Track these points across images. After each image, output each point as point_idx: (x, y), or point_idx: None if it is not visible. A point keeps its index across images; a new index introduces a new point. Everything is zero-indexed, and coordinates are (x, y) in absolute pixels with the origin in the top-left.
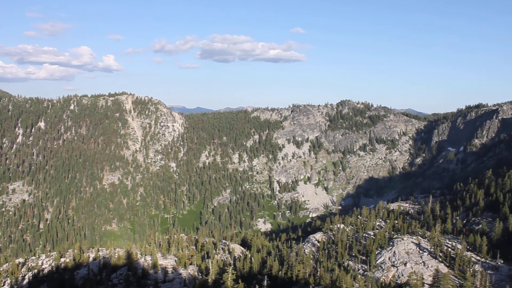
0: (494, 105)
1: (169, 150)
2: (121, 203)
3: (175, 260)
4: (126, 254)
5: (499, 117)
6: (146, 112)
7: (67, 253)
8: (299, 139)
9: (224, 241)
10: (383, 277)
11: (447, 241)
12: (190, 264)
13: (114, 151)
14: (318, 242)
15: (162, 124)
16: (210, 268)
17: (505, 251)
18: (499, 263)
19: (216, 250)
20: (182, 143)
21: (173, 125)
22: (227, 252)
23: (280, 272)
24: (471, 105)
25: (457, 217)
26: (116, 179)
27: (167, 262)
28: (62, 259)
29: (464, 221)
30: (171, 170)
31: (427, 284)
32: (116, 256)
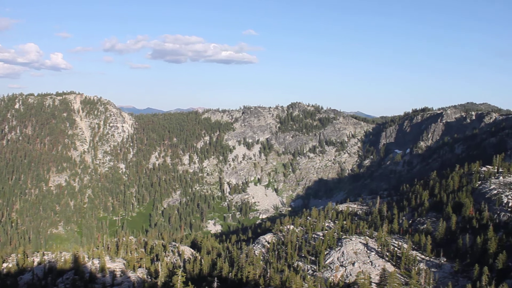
0: (439, 109)
1: (118, 151)
2: (68, 206)
3: (124, 263)
4: (73, 257)
5: (444, 121)
6: (95, 112)
7: (10, 258)
8: (250, 140)
9: (174, 243)
10: (332, 277)
11: (394, 241)
12: (139, 267)
13: (61, 152)
14: (268, 243)
15: (111, 124)
16: (160, 270)
17: (448, 249)
18: (442, 261)
19: (165, 252)
20: (131, 144)
21: (122, 126)
22: (177, 254)
23: (230, 273)
24: (417, 109)
25: (403, 218)
26: (63, 180)
27: (116, 265)
28: (5, 264)
29: (410, 221)
30: (120, 172)
31: (374, 283)
32: (62, 260)
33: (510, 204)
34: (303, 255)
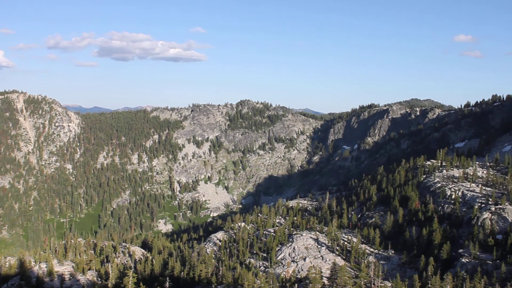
0: (385, 105)
1: (65, 151)
2: (12, 208)
3: (73, 266)
4: (19, 262)
5: (390, 117)
6: (40, 112)
7: None
8: (199, 138)
9: (124, 244)
10: (284, 272)
11: (344, 235)
12: (89, 269)
13: (4, 153)
14: (220, 241)
15: (57, 124)
16: (110, 272)
17: (396, 242)
18: (390, 254)
19: (116, 253)
20: (78, 144)
21: (68, 125)
22: (127, 255)
23: (182, 273)
24: (364, 105)
25: (352, 212)
26: (7, 182)
27: (64, 268)
28: None
29: (359, 216)
30: (67, 172)
31: (325, 277)
32: (7, 265)
33: (453, 197)
34: (255, 252)
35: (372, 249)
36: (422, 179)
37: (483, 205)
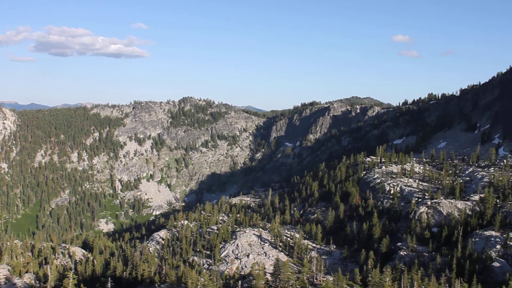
0: (326, 103)
1: (0, 150)
2: None
3: (9, 269)
4: None
5: (331, 114)
6: None
7: None
8: (141, 136)
9: (63, 244)
10: (228, 269)
11: (286, 231)
12: (26, 272)
13: None
14: (163, 239)
15: None
16: (49, 274)
17: (337, 237)
18: (332, 248)
19: (55, 255)
20: (14, 142)
21: (3, 123)
22: (67, 256)
23: (124, 272)
24: (306, 103)
25: (295, 208)
26: None
27: None
28: None
29: (301, 212)
30: (3, 172)
31: (268, 273)
32: None
33: (392, 192)
34: (198, 249)
35: (314, 245)
36: (362, 175)
37: (420, 200)
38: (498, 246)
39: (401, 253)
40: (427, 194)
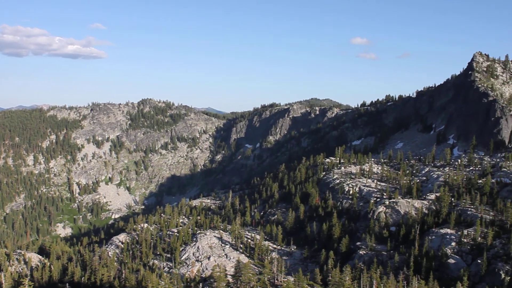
0: (286, 105)
1: None
2: None
3: None
4: None
5: (290, 116)
6: None
7: None
8: (100, 138)
9: (19, 250)
10: (188, 272)
11: (247, 233)
12: None
13: None
14: (122, 243)
15: None
16: (3, 282)
17: (298, 237)
18: (292, 249)
19: (9, 261)
20: None
21: None
22: (22, 262)
23: (82, 278)
24: (266, 104)
25: (255, 210)
26: None
27: None
28: None
29: (262, 213)
30: None
31: (229, 275)
32: None
33: (351, 192)
34: (158, 253)
35: (275, 246)
36: (322, 176)
37: (378, 200)
38: (453, 243)
39: (360, 252)
40: (385, 194)
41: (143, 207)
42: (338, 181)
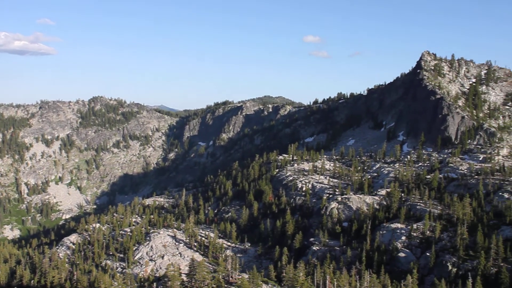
0: (239, 102)
1: None
2: None
3: None
4: None
5: (243, 113)
6: None
7: None
8: (49, 137)
9: None
10: (142, 272)
11: (201, 231)
12: None
13: None
14: (73, 244)
15: None
16: None
17: (252, 234)
18: (246, 246)
19: None
20: None
21: None
22: None
23: (32, 281)
24: (219, 102)
25: (209, 208)
26: None
27: None
28: None
29: (216, 211)
30: None
31: (184, 274)
32: None
33: (304, 189)
34: (111, 253)
35: (229, 243)
36: (275, 173)
37: (330, 196)
38: (403, 238)
39: (313, 248)
40: (337, 190)
41: (95, 206)
42: (291, 178)
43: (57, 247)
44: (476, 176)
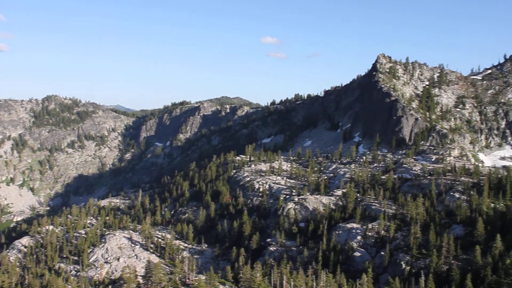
0: (196, 103)
1: None
2: None
3: None
4: None
5: (201, 114)
6: None
7: None
8: (0, 137)
9: None
10: (97, 275)
11: (158, 232)
12: None
13: None
14: (25, 247)
15: None
16: None
17: (209, 235)
18: (203, 247)
19: None
20: None
21: None
22: None
23: None
24: (176, 102)
25: (166, 209)
26: None
27: None
28: None
29: (172, 212)
30: None
31: (140, 276)
32: None
33: (261, 189)
34: (65, 256)
35: (186, 244)
36: (232, 173)
37: (287, 196)
38: (359, 237)
39: (270, 248)
40: (294, 190)
41: (48, 208)
42: (248, 178)
43: (7, 250)
44: (429, 177)
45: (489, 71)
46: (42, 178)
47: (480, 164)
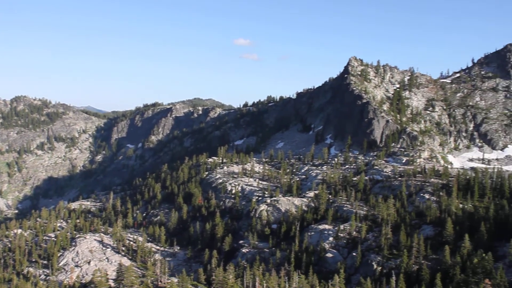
0: (168, 104)
1: None
2: None
3: None
4: None
5: (173, 115)
6: None
7: None
8: None
9: None
10: (67, 279)
11: (129, 235)
12: None
13: None
14: None
15: None
16: None
17: (181, 238)
18: (176, 250)
19: None
20: None
21: None
22: None
23: None
24: (148, 104)
25: (138, 211)
26: None
27: None
28: None
29: (144, 214)
30: None
31: (111, 279)
32: None
33: (233, 191)
34: (34, 260)
35: (158, 247)
36: (204, 175)
37: (260, 198)
38: (331, 238)
39: (243, 250)
40: (266, 192)
41: (16, 211)
42: (220, 180)
43: None
44: (399, 178)
45: (458, 74)
46: (11, 180)
47: (449, 166)
